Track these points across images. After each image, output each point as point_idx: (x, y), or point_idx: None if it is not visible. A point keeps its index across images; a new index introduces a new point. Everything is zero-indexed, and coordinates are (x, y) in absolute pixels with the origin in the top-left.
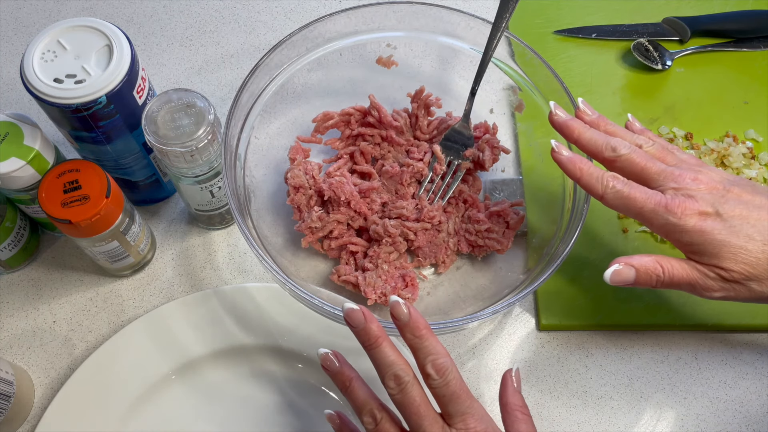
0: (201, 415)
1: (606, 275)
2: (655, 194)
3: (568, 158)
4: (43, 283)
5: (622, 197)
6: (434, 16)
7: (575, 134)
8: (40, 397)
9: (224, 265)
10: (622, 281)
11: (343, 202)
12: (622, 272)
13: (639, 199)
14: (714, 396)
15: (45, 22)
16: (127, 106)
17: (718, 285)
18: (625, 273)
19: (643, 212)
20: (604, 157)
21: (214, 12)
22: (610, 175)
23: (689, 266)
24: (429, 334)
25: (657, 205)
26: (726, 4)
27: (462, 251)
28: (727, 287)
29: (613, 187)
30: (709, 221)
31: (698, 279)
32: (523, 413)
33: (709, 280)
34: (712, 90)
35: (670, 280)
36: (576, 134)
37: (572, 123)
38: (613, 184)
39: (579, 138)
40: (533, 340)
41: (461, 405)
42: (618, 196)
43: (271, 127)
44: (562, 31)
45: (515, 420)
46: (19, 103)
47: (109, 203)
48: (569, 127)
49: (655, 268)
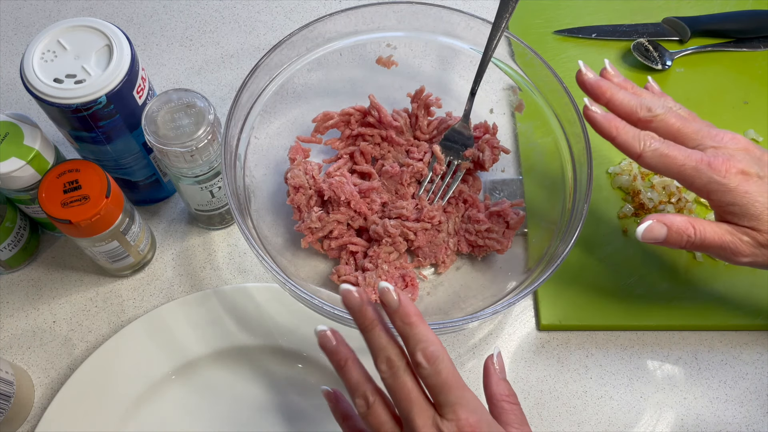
0: (201, 415)
1: (638, 231)
2: (695, 152)
3: (603, 116)
4: (43, 283)
5: (661, 155)
6: (434, 16)
7: (607, 94)
8: (40, 397)
9: (224, 265)
10: (652, 238)
11: (343, 202)
12: (653, 228)
13: (679, 157)
14: (714, 396)
15: (45, 22)
16: (127, 106)
17: (750, 249)
18: (657, 230)
19: (684, 171)
20: (639, 118)
21: (214, 12)
22: (647, 134)
23: (722, 229)
24: (419, 322)
25: (699, 162)
26: (726, 4)
27: (462, 251)
28: (758, 253)
29: (650, 146)
30: (753, 183)
31: (730, 242)
32: (510, 402)
33: (742, 244)
34: (712, 90)
35: (701, 241)
36: (608, 95)
37: (603, 83)
38: (651, 142)
39: (611, 98)
40: (533, 340)
41: (452, 395)
42: (657, 154)
43: (271, 127)
44: (562, 31)
45: (502, 411)
46: (19, 103)
47: (109, 203)
48: (600, 87)
49: (687, 228)
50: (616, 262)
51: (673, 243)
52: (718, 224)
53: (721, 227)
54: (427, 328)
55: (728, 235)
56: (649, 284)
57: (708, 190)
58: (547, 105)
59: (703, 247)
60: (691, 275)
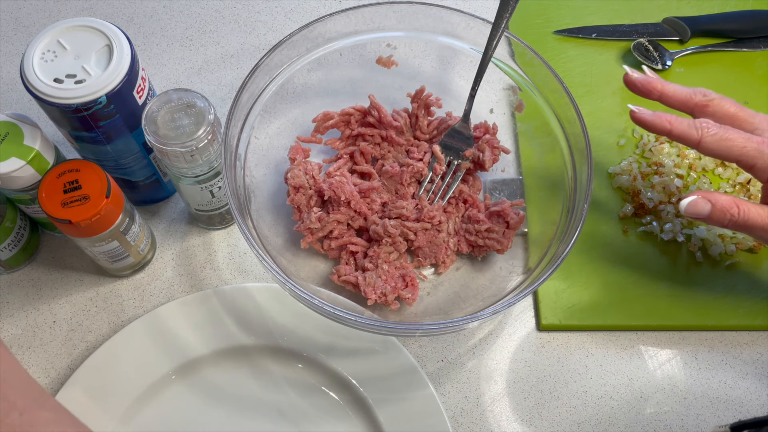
0: (201, 415)
1: (682, 204)
2: (754, 136)
3: (653, 114)
4: (43, 283)
5: (721, 139)
6: (434, 16)
7: (659, 87)
8: None
9: (224, 265)
10: (696, 213)
11: (343, 202)
12: (698, 204)
13: (739, 140)
14: (714, 396)
15: (45, 22)
16: (127, 106)
17: None
18: (701, 205)
19: (746, 152)
20: (696, 103)
21: (214, 12)
22: (702, 120)
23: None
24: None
25: (761, 144)
26: (726, 4)
27: (462, 251)
28: None
29: (709, 131)
30: None
31: None
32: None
33: None
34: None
35: (744, 221)
36: (660, 87)
37: (653, 79)
38: (709, 127)
39: (664, 91)
40: (533, 340)
41: None
42: (716, 139)
43: (271, 127)
44: (562, 31)
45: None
46: (19, 103)
47: (109, 203)
48: (650, 83)
49: (732, 207)
50: (616, 262)
51: (716, 220)
52: (762, 206)
53: (766, 209)
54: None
55: None
56: (649, 284)
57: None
58: (547, 105)
59: (746, 228)
60: (691, 275)
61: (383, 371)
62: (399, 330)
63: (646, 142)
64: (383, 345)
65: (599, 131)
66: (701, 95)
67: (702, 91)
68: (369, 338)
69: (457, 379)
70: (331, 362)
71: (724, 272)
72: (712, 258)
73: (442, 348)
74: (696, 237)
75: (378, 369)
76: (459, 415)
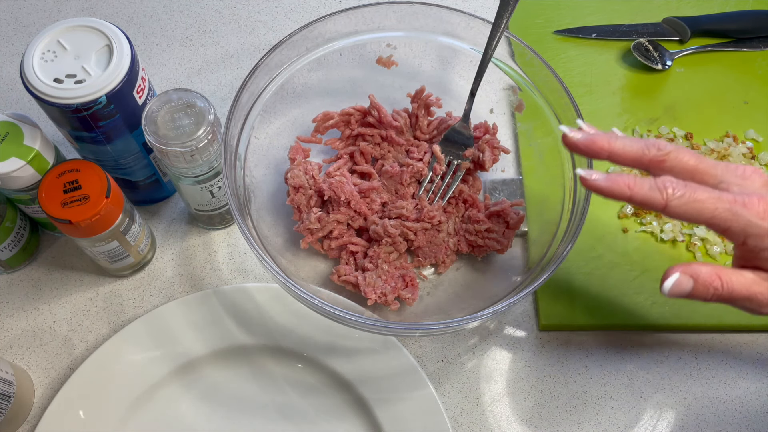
0: (201, 415)
1: (665, 288)
2: (724, 193)
3: (608, 179)
4: (43, 283)
5: (689, 201)
6: (434, 16)
7: (606, 146)
8: (40, 397)
9: (224, 265)
10: (680, 293)
11: (343, 202)
12: (681, 283)
13: (709, 202)
14: (714, 396)
15: (45, 22)
16: (127, 106)
17: None
18: (685, 284)
19: (718, 215)
20: (651, 158)
21: (214, 12)
22: (664, 180)
23: (747, 279)
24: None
25: (733, 204)
26: (726, 4)
27: (462, 251)
28: None
29: (675, 193)
30: None
31: (758, 293)
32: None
33: None
34: (712, 90)
35: (729, 293)
36: (607, 146)
37: (597, 136)
38: (673, 188)
39: (612, 149)
40: (533, 340)
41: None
42: (684, 201)
43: (271, 127)
44: (562, 31)
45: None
46: (19, 103)
47: (109, 203)
48: (595, 141)
49: (713, 280)
50: (615, 262)
51: (698, 296)
52: (742, 273)
53: (746, 276)
54: None
55: (755, 285)
56: (649, 284)
57: (745, 234)
58: (547, 105)
59: (731, 300)
60: None
61: (383, 371)
62: (399, 330)
63: None
64: (383, 345)
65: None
66: (655, 149)
67: (655, 144)
68: (369, 338)
69: (457, 379)
70: (331, 362)
71: None
72: (712, 258)
73: (442, 348)
74: (696, 237)
75: (378, 369)
76: (459, 415)
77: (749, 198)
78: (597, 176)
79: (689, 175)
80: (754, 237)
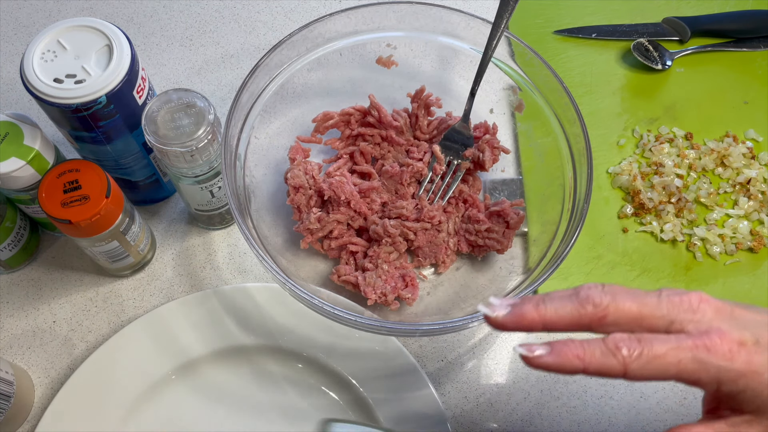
0: (201, 415)
1: None
2: (679, 338)
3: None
4: (43, 283)
5: (649, 360)
6: (434, 16)
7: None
8: (40, 397)
9: (224, 265)
10: None
11: (343, 202)
12: None
13: (670, 355)
14: None
15: (45, 22)
16: (127, 106)
17: None
18: None
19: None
20: (590, 318)
21: (214, 12)
22: (617, 340)
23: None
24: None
25: (695, 350)
26: (726, 4)
27: (462, 251)
28: None
29: (630, 354)
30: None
31: None
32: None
33: None
34: (712, 90)
35: None
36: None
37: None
38: (627, 348)
39: (544, 316)
40: (533, 340)
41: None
42: (643, 362)
43: (271, 127)
44: (561, 31)
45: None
46: (19, 103)
47: (109, 203)
48: (524, 316)
49: None
50: (615, 262)
51: None
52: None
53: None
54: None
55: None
56: (649, 284)
57: (717, 381)
58: (547, 105)
59: None
60: (691, 275)
61: (383, 371)
62: (399, 330)
63: (646, 142)
64: (383, 345)
65: (599, 131)
66: (591, 306)
67: (589, 298)
68: (369, 338)
69: (457, 379)
70: (331, 362)
71: (724, 272)
72: (712, 258)
73: (442, 348)
74: (696, 237)
75: (378, 369)
76: (459, 415)
77: (710, 339)
78: (540, 351)
79: (635, 325)
80: (728, 383)
